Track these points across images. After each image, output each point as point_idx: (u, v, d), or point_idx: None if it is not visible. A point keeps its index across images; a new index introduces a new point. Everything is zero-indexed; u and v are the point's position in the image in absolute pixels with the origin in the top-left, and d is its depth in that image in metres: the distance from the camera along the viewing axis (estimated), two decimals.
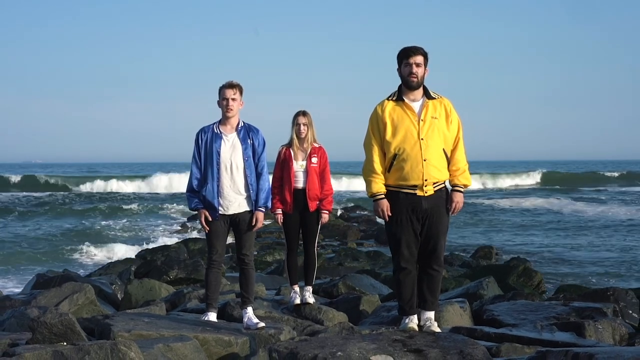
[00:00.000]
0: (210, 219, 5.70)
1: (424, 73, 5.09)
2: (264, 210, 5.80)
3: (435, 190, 5.03)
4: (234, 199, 5.69)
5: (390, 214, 5.06)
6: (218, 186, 5.66)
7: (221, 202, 5.67)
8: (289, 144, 6.69)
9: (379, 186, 5.07)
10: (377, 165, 5.07)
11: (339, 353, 4.22)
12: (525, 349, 5.12)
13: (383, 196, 5.06)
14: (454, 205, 5.11)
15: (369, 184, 5.12)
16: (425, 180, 4.97)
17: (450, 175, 5.13)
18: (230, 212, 5.71)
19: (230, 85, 5.72)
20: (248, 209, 5.75)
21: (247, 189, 5.72)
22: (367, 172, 5.14)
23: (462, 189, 5.15)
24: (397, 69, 5.13)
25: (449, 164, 5.11)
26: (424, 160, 4.96)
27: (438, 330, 5.08)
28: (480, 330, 5.74)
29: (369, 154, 5.13)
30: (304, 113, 6.69)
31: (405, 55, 5.05)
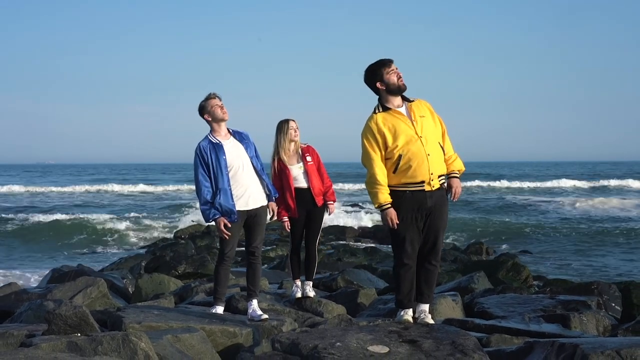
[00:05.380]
0: (229, 225, 5.55)
1: None
2: (274, 202, 5.82)
3: (441, 183, 5.02)
4: (252, 193, 5.62)
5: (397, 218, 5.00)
6: (232, 190, 5.55)
7: (240, 201, 5.57)
8: (277, 155, 6.46)
9: (385, 196, 4.98)
10: (381, 177, 4.98)
11: (338, 343, 4.21)
12: (514, 340, 5.11)
13: (389, 205, 4.98)
14: (453, 190, 5.07)
15: (374, 195, 5.01)
16: (431, 174, 4.95)
17: (445, 164, 5.11)
18: (250, 207, 5.61)
19: (215, 95, 5.64)
20: (265, 203, 5.72)
21: (261, 181, 5.68)
22: (371, 184, 5.04)
23: (458, 175, 5.14)
24: (378, 83, 5.02)
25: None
26: (428, 155, 4.93)
27: (432, 322, 5.07)
28: (471, 322, 5.74)
29: (371, 167, 5.02)
30: (291, 120, 6.53)
31: (386, 65, 5.00)
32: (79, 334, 4.55)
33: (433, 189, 4.96)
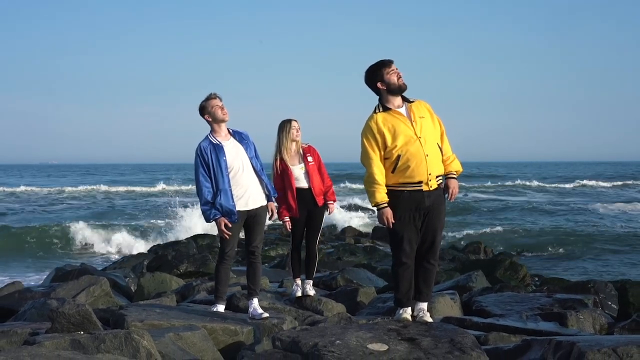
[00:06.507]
0: (229, 225, 5.56)
1: None
2: (274, 202, 5.82)
3: (438, 183, 5.03)
4: (251, 193, 5.62)
5: (393, 218, 5.01)
6: (233, 191, 5.55)
7: (240, 202, 5.57)
8: (279, 155, 6.50)
9: (382, 195, 4.99)
10: (379, 176, 5.00)
11: (338, 341, 4.22)
12: (512, 338, 5.11)
13: (386, 205, 5.00)
14: (450, 190, 5.09)
15: (372, 194, 5.03)
16: (429, 174, 4.96)
17: (443, 165, 5.12)
18: (250, 207, 5.62)
19: (216, 96, 5.64)
20: (264, 203, 5.73)
21: (260, 182, 5.69)
22: (369, 183, 5.06)
23: (455, 175, 5.15)
24: (378, 83, 5.04)
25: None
26: (426, 156, 4.95)
27: (430, 320, 5.08)
28: (469, 320, 5.75)
29: (369, 166, 5.04)
30: (293, 120, 6.56)
31: (386, 66, 5.02)
32: (82, 332, 4.55)
33: (431, 189, 4.98)
